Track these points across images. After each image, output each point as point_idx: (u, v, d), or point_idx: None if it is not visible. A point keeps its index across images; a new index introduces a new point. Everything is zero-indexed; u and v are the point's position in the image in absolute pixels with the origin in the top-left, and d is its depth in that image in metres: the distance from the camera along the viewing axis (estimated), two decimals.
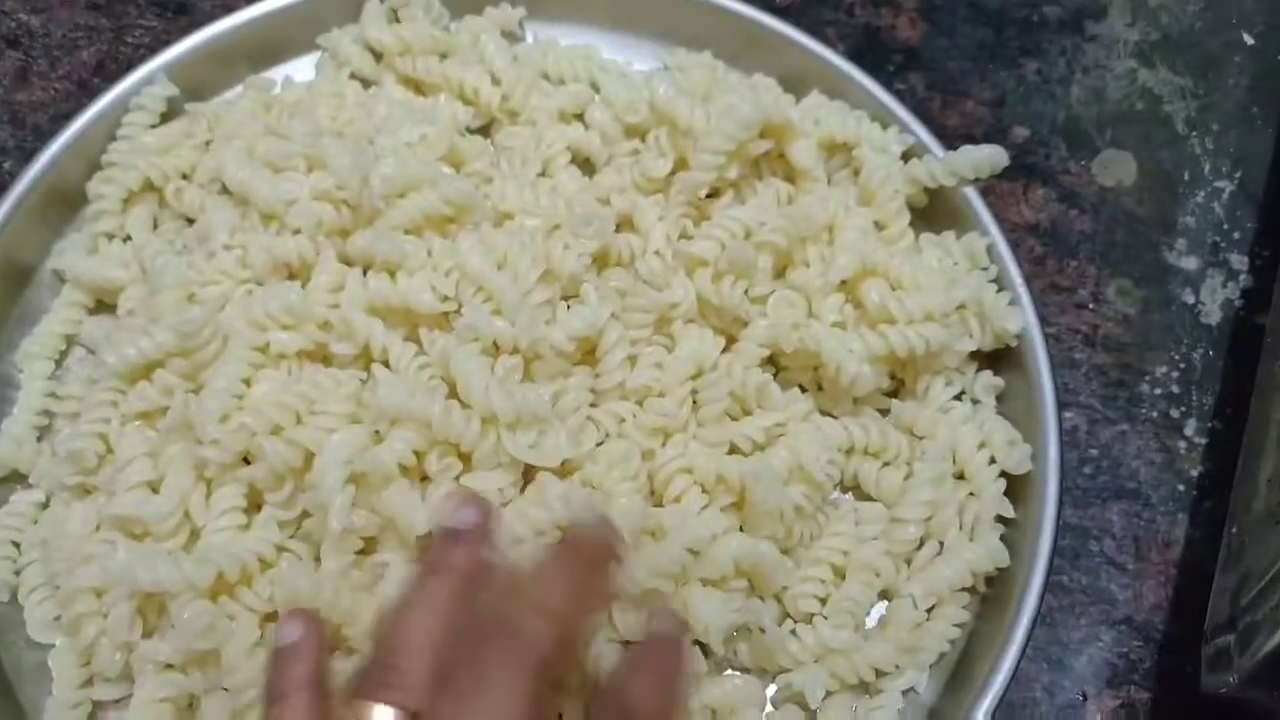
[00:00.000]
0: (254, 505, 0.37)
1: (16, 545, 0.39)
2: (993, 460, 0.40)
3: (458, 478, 0.37)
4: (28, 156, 0.44)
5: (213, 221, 0.42)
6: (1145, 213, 0.48)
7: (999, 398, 0.42)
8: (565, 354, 0.39)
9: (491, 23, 0.48)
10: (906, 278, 0.41)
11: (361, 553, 0.37)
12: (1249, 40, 0.53)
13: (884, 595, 0.40)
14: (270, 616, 0.36)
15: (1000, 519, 0.40)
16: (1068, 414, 0.44)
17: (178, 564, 0.35)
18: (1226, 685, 0.34)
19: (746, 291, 0.41)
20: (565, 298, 0.40)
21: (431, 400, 0.36)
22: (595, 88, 0.47)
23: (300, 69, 0.48)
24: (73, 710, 0.36)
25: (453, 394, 0.37)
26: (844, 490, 0.42)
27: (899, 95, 0.46)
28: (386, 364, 0.38)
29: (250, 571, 0.36)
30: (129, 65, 0.47)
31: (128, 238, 0.44)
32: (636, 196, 0.44)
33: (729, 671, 0.38)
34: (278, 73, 0.48)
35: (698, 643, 0.36)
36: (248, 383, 0.38)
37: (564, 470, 0.38)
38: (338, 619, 0.34)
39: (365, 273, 0.40)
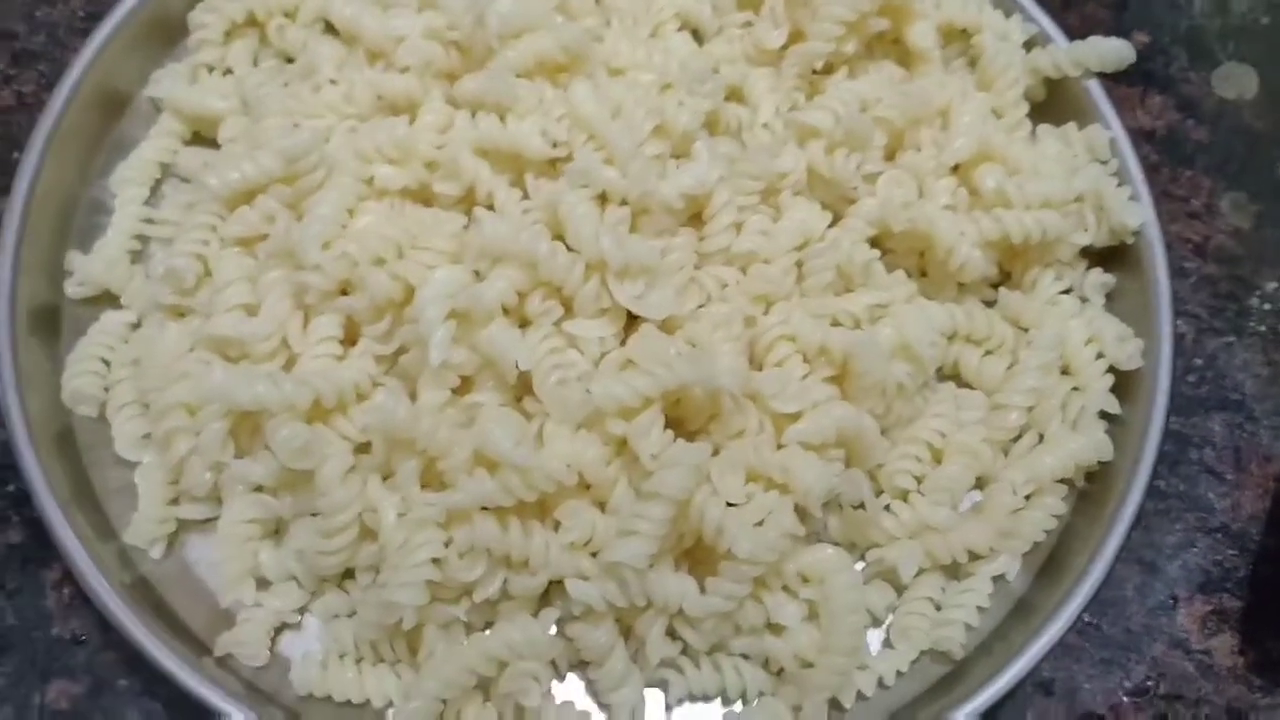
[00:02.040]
0: (350, 338, 0.37)
1: (106, 363, 0.38)
2: (1100, 355, 0.39)
3: (558, 323, 0.36)
4: None
5: (317, 56, 0.41)
6: (1264, 128, 0.47)
7: (1107, 297, 0.41)
8: (673, 211, 0.38)
9: None
10: (1025, 164, 0.40)
11: (457, 391, 0.36)
12: None
13: (979, 484, 0.39)
14: (363, 447, 0.35)
15: (1104, 415, 0.39)
16: (1175, 321, 0.43)
17: (276, 383, 0.34)
18: None
19: (858, 167, 0.40)
20: (675, 156, 0.39)
21: (538, 239, 0.35)
22: None
23: None
24: (158, 526, 0.36)
25: (558, 240, 0.36)
26: (943, 378, 0.41)
27: None
28: (491, 208, 0.38)
29: (346, 400, 0.35)
30: None
31: (228, 71, 0.43)
32: (747, 68, 0.43)
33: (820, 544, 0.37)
34: None
35: (796, 507, 0.35)
36: (351, 214, 0.37)
37: (666, 327, 0.37)
38: (434, 452, 0.34)
39: (474, 115, 0.39)
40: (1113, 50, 0.41)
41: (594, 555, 0.34)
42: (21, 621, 0.37)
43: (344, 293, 0.36)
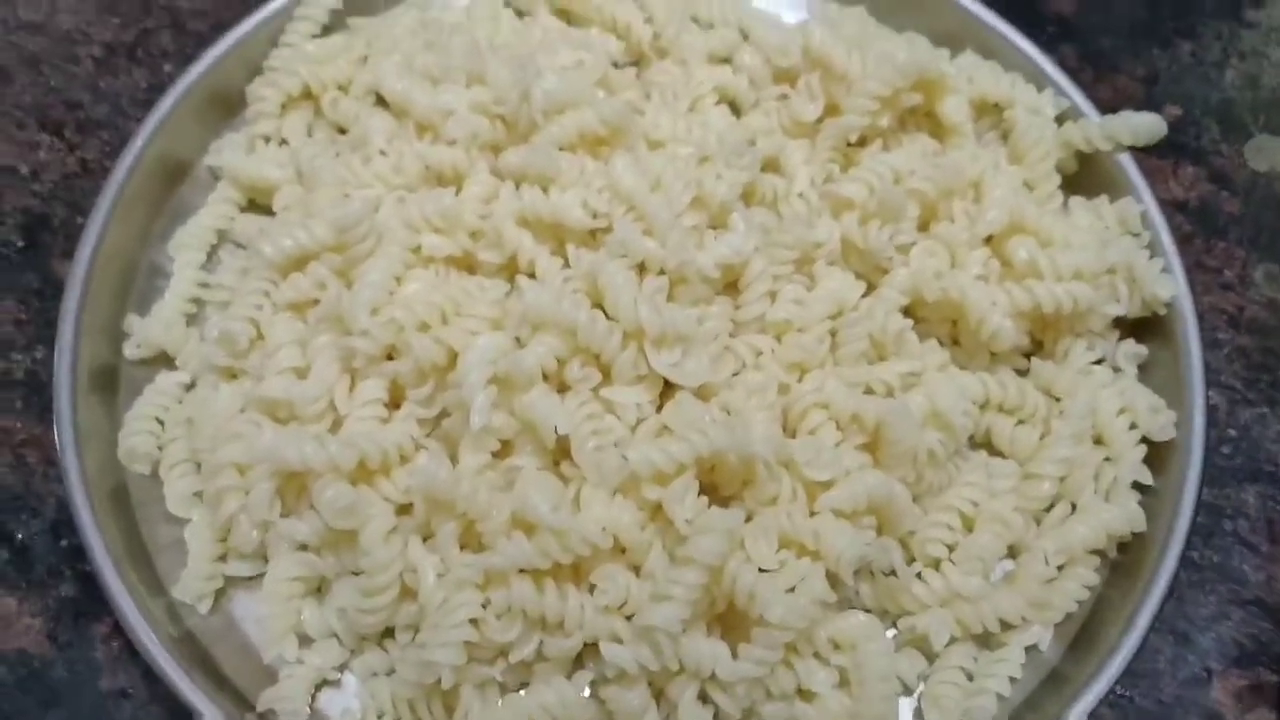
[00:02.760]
0: (395, 401, 0.38)
1: (161, 422, 0.40)
2: (1133, 426, 0.39)
3: (596, 389, 0.37)
4: (188, 61, 0.45)
5: (369, 128, 0.42)
6: None
7: (1139, 368, 0.42)
8: (710, 280, 0.39)
9: None
10: (1057, 236, 0.41)
11: (496, 455, 0.37)
12: None
13: (1011, 553, 0.39)
14: (405, 508, 0.36)
15: (1137, 486, 0.39)
16: (1208, 392, 0.43)
17: (322, 445, 0.35)
18: None
19: (891, 238, 0.41)
20: (712, 227, 0.40)
21: (578, 308, 0.36)
22: (744, 34, 0.47)
23: None
24: (206, 582, 0.37)
25: (597, 308, 0.37)
26: (974, 446, 0.41)
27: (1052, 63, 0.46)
28: (533, 276, 0.39)
29: (390, 462, 0.36)
30: None
31: (283, 141, 0.45)
32: (783, 139, 0.44)
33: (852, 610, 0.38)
34: None
35: (828, 574, 0.36)
36: (398, 281, 0.38)
37: (701, 394, 0.38)
38: (473, 515, 0.35)
39: (517, 186, 0.40)
40: (1145, 124, 0.42)
41: (628, 619, 0.35)
42: (72, 675, 0.38)
43: (390, 357, 0.38)
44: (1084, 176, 0.44)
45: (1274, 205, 0.47)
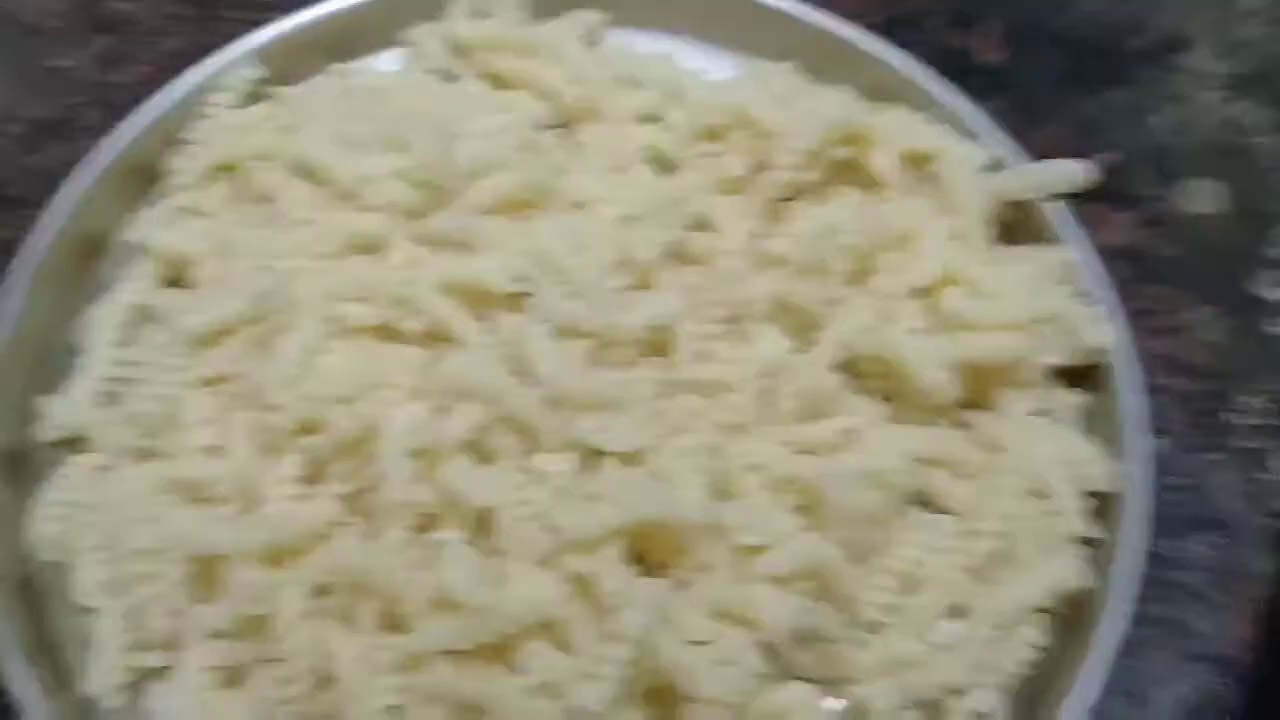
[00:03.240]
0: (314, 477, 0.37)
1: (72, 507, 0.38)
2: (1075, 478, 0.39)
3: (521, 457, 0.36)
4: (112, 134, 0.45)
5: (289, 199, 0.42)
6: (1232, 242, 0.47)
7: (1080, 418, 0.41)
8: (637, 342, 0.38)
9: (573, 25, 0.48)
10: (988, 286, 0.40)
11: (420, 530, 0.36)
12: None
13: (955, 614, 0.38)
14: (323, 589, 0.35)
15: (1081, 540, 0.38)
16: (1151, 440, 0.42)
17: (234, 528, 0.34)
18: None
19: (823, 293, 0.40)
20: (639, 287, 0.40)
21: (498, 375, 0.35)
22: (672, 92, 0.47)
23: (382, 62, 0.48)
24: (117, 675, 0.36)
25: (521, 374, 0.37)
26: (916, 503, 0.40)
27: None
28: (454, 343, 0.38)
29: (307, 542, 0.35)
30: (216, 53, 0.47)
31: (204, 214, 0.44)
32: (712, 196, 0.43)
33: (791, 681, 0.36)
34: (360, 65, 0.48)
35: (763, 644, 0.35)
36: (316, 354, 0.37)
37: (630, 459, 0.37)
38: (393, 594, 0.33)
39: (439, 253, 0.39)
40: (1071, 173, 0.42)
41: (557, 699, 0.33)
42: None
43: (308, 432, 0.37)
44: (1017, 226, 0.44)
45: (1211, 248, 0.47)
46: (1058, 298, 0.40)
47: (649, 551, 0.36)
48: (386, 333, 0.39)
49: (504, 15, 0.47)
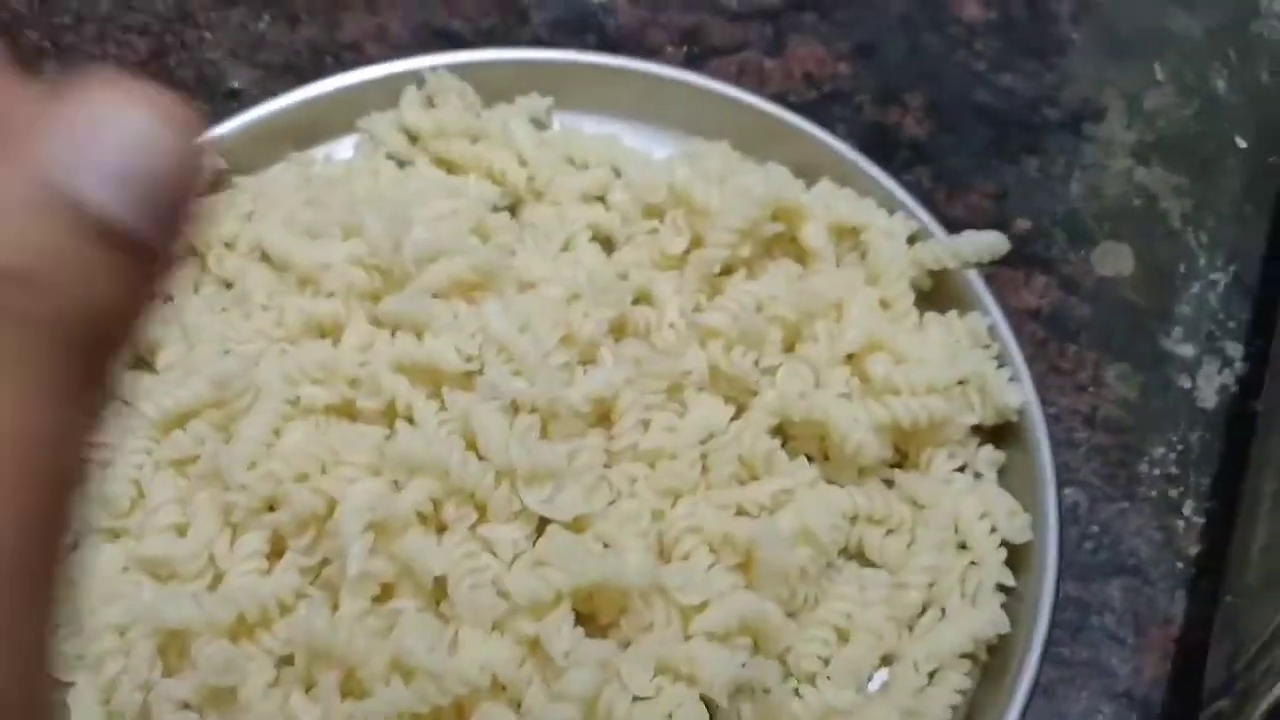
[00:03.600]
0: (277, 552, 0.39)
1: None
2: (993, 530, 0.41)
3: (473, 527, 0.38)
4: None
5: (251, 285, 0.44)
6: (1143, 302, 0.50)
7: (1001, 472, 0.44)
8: (581, 415, 0.40)
9: (521, 110, 0.51)
10: (911, 352, 0.43)
11: (378, 599, 0.38)
12: (1241, 143, 0.55)
13: (885, 662, 0.40)
14: (287, 659, 0.37)
15: (1001, 588, 0.41)
16: (1068, 491, 0.45)
17: (200, 603, 0.36)
18: None
19: (757, 362, 0.43)
20: (583, 362, 0.42)
21: (450, 450, 0.37)
22: (617, 172, 0.50)
23: (340, 149, 0.51)
24: None
25: (472, 448, 0.39)
26: (848, 557, 0.43)
27: (906, 186, 0.49)
28: (410, 420, 0.40)
29: (270, 614, 0.37)
30: None
31: (169, 299, 0.46)
32: (653, 272, 0.46)
33: None
34: (319, 152, 0.51)
35: (703, 699, 0.37)
36: (277, 433, 0.39)
37: (576, 526, 0.39)
38: (352, 662, 0.35)
39: (394, 334, 0.42)
40: (986, 242, 0.45)
41: None
42: None
43: (271, 509, 0.39)
44: (937, 293, 0.47)
45: (1121, 308, 0.50)
46: (975, 361, 0.43)
47: (595, 612, 0.38)
48: (344, 411, 0.41)
49: (454, 103, 0.50)
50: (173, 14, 0.57)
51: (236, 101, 0.54)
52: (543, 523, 0.39)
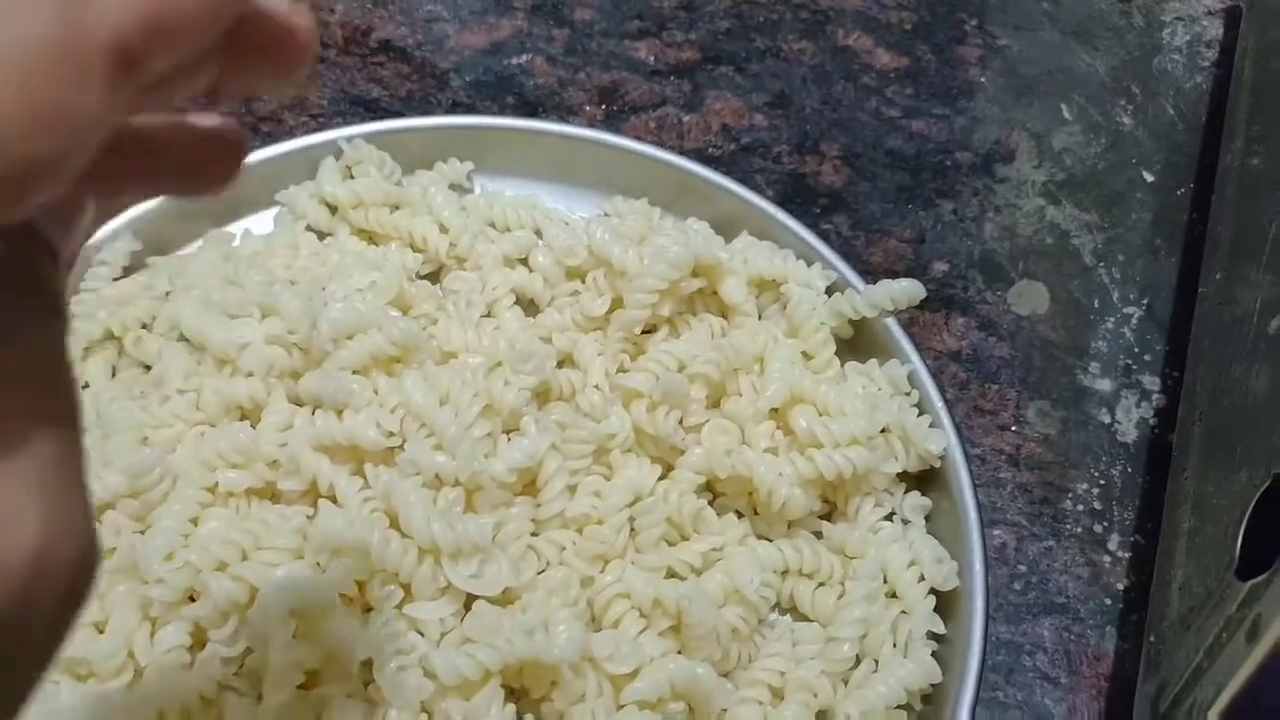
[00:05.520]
0: (199, 643, 0.38)
1: None
2: (922, 577, 0.42)
3: (399, 606, 0.38)
4: None
5: (168, 367, 0.43)
6: (1060, 338, 0.51)
7: (928, 517, 0.44)
8: (506, 485, 0.40)
9: (441, 176, 0.51)
10: (833, 404, 0.43)
11: (304, 686, 0.37)
12: (1149, 177, 0.57)
13: (821, 717, 0.40)
14: None
15: (932, 635, 0.41)
16: (995, 531, 0.46)
17: (121, 706, 0.35)
18: None
19: (681, 421, 0.43)
20: (507, 431, 0.42)
21: (370, 530, 0.37)
22: (538, 234, 0.50)
23: (259, 223, 0.51)
24: None
25: (396, 525, 0.39)
26: (781, 611, 0.43)
27: (825, 235, 0.50)
28: (333, 499, 0.40)
29: (192, 710, 0.36)
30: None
31: (86, 385, 0.45)
32: (576, 334, 0.46)
33: None
34: (237, 227, 0.50)
35: None
36: (195, 521, 0.39)
37: (504, 599, 0.39)
38: None
39: (314, 412, 0.42)
40: (902, 290, 0.46)
41: None
42: None
43: (192, 599, 0.38)
44: (859, 340, 0.47)
45: (1039, 346, 0.51)
46: (896, 409, 0.44)
47: (527, 685, 0.38)
48: (266, 493, 0.41)
49: (373, 172, 0.50)
50: None
51: None
52: (471, 597, 0.39)
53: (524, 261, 0.50)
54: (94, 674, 0.37)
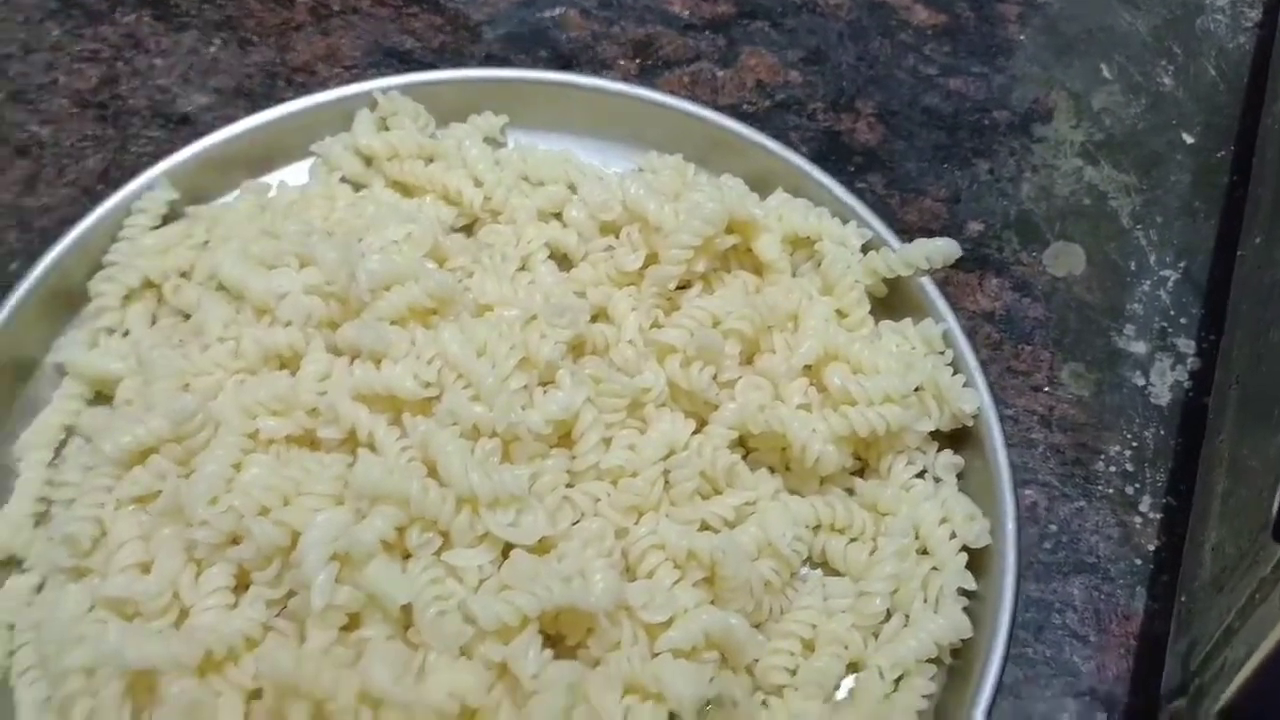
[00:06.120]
0: (242, 585, 0.39)
1: (10, 628, 0.40)
2: (953, 535, 0.42)
3: (438, 553, 0.38)
4: (34, 258, 0.47)
5: (207, 316, 0.44)
6: (1095, 300, 0.51)
7: (960, 475, 0.44)
8: (542, 437, 0.41)
9: (475, 129, 0.51)
10: (866, 362, 0.43)
11: (345, 629, 0.38)
12: (1189, 139, 0.56)
13: (852, 667, 0.41)
14: (254, 694, 0.37)
15: (963, 591, 0.41)
16: (1027, 491, 0.46)
17: (166, 642, 0.36)
18: None
19: (715, 376, 0.43)
20: (542, 384, 0.42)
21: (410, 478, 0.38)
22: (572, 189, 0.50)
23: (295, 174, 0.51)
24: None
25: (434, 475, 0.39)
26: (813, 566, 0.43)
27: (859, 194, 0.49)
28: (372, 448, 0.40)
29: (237, 649, 0.37)
30: (133, 172, 0.49)
31: (127, 332, 0.46)
32: (610, 289, 0.46)
33: None
34: (273, 178, 0.51)
35: (671, 715, 0.37)
36: (237, 467, 0.39)
37: (540, 548, 0.39)
38: (319, 695, 0.35)
39: (352, 362, 0.42)
40: (939, 249, 0.45)
41: None
42: None
43: (234, 543, 0.39)
44: (893, 299, 0.47)
45: (1074, 308, 0.51)
46: (930, 368, 0.44)
47: (562, 632, 0.39)
48: (305, 441, 0.41)
49: (408, 124, 0.50)
50: (123, 41, 0.57)
51: (189, 127, 0.54)
52: (507, 546, 0.39)
53: (557, 216, 0.50)
54: (140, 613, 0.38)
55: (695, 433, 0.43)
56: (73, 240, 0.47)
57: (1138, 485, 0.46)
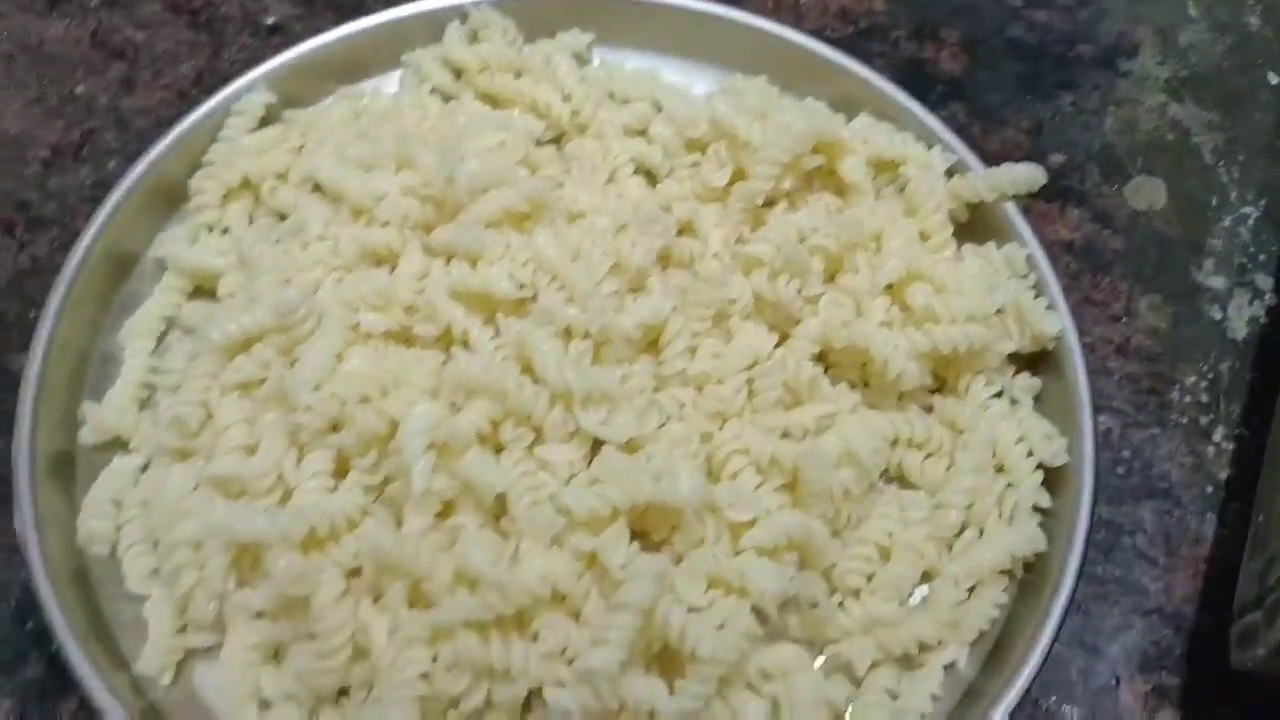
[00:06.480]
0: (341, 471, 0.40)
1: (117, 504, 0.42)
2: (1030, 453, 0.43)
3: (530, 447, 0.40)
4: (131, 158, 0.48)
5: (307, 215, 0.45)
6: (1175, 234, 0.51)
7: (1036, 398, 0.45)
8: (632, 341, 0.42)
9: (563, 45, 0.52)
10: (950, 282, 0.44)
11: (439, 516, 0.39)
12: (1273, 79, 0.56)
13: (926, 578, 0.42)
14: (354, 572, 0.38)
15: (1038, 509, 0.42)
16: (1101, 417, 0.46)
17: (273, 518, 0.37)
18: (1255, 658, 0.36)
19: (800, 291, 0.44)
20: (632, 290, 0.43)
21: (506, 374, 0.39)
22: (658, 107, 0.51)
23: (386, 84, 0.52)
24: (167, 655, 0.39)
25: (527, 373, 0.40)
26: (889, 480, 0.44)
27: (942, 121, 0.49)
28: (466, 345, 0.41)
29: (338, 529, 0.38)
30: (226, 79, 0.50)
31: (226, 230, 0.47)
32: (696, 205, 0.47)
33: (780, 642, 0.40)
34: (365, 87, 0.52)
35: (754, 609, 0.38)
36: (339, 358, 0.41)
37: (628, 447, 0.40)
38: (418, 574, 0.37)
39: (448, 263, 0.43)
40: (1024, 174, 0.46)
41: (570, 663, 0.37)
42: None
43: (335, 430, 0.40)
44: (975, 225, 0.47)
45: (1154, 241, 0.51)
46: (1013, 290, 0.44)
47: (647, 529, 0.40)
48: (402, 337, 0.43)
49: (497, 38, 0.51)
50: None
51: (278, 37, 0.55)
52: (596, 444, 0.40)
53: (642, 134, 0.50)
54: (245, 492, 0.39)
55: (778, 345, 0.44)
56: (173, 139, 0.48)
57: (1212, 416, 0.47)
